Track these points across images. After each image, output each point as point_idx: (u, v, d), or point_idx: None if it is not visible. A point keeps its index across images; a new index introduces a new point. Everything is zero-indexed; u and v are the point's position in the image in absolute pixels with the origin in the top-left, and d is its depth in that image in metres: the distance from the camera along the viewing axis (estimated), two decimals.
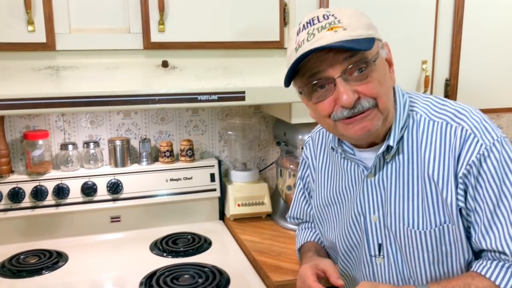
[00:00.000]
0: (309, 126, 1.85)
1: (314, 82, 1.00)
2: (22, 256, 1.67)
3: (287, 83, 1.05)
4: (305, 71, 1.01)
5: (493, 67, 1.94)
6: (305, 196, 1.36)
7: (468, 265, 1.08)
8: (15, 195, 1.75)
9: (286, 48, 1.70)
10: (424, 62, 1.84)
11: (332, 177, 1.23)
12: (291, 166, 1.89)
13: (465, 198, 1.03)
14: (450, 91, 1.90)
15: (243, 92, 1.54)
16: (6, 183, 1.77)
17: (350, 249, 1.20)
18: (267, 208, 1.97)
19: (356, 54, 0.97)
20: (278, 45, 1.69)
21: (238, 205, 1.95)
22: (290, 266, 1.56)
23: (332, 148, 1.20)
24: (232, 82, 1.55)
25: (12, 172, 1.83)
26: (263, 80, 1.60)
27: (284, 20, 1.67)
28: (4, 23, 1.44)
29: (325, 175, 1.26)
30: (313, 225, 1.39)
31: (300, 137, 1.86)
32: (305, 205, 1.37)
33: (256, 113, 2.14)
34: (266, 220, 1.97)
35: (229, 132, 2.06)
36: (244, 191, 1.98)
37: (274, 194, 2.06)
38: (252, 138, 2.07)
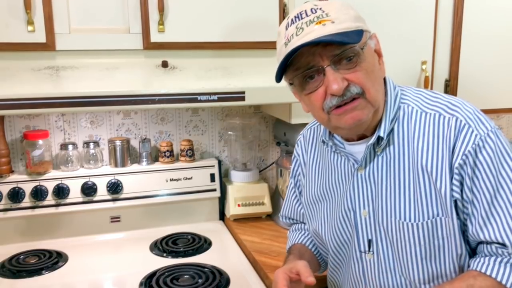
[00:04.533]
0: None
1: (304, 72, 1.01)
2: (22, 256, 1.67)
3: (278, 78, 1.06)
4: (295, 64, 1.02)
5: (492, 67, 1.94)
6: (296, 195, 1.36)
7: (460, 260, 1.07)
8: (15, 195, 1.75)
9: None
10: (423, 63, 1.84)
11: (322, 173, 1.23)
12: (291, 167, 1.89)
13: (461, 190, 1.02)
14: (450, 91, 1.90)
15: (243, 92, 1.54)
16: (6, 183, 1.77)
17: (340, 245, 1.19)
18: (267, 208, 1.97)
19: (344, 47, 0.98)
20: None
21: (238, 205, 1.95)
22: None
23: (323, 141, 1.20)
24: (232, 82, 1.55)
25: (12, 172, 1.83)
26: (263, 80, 1.60)
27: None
28: (4, 23, 1.43)
29: (315, 171, 1.26)
30: (304, 226, 1.38)
31: None
32: (296, 203, 1.36)
33: (256, 113, 2.14)
34: (266, 221, 1.97)
35: (229, 132, 2.06)
36: (244, 191, 1.98)
37: (274, 195, 2.06)
38: (252, 138, 2.07)
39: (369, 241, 1.13)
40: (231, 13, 1.63)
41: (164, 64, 1.57)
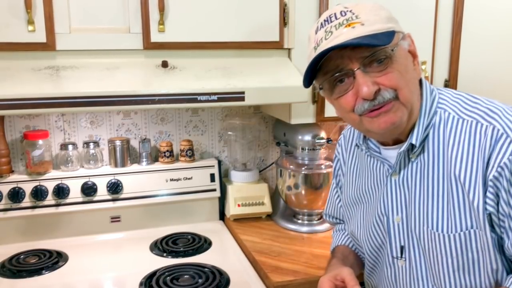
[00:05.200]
0: (309, 127, 1.85)
1: (334, 76, 0.99)
2: (22, 256, 1.67)
3: (306, 83, 1.04)
4: (324, 68, 1.00)
5: (492, 67, 1.94)
6: (338, 195, 1.34)
7: (497, 276, 1.02)
8: (15, 195, 1.75)
9: (285, 49, 1.72)
10: (423, 63, 1.84)
11: (359, 176, 1.21)
12: (291, 167, 1.89)
13: (497, 203, 0.97)
14: None
15: (243, 93, 1.54)
16: (6, 183, 1.76)
17: (375, 248, 1.18)
18: (267, 208, 1.97)
19: (374, 49, 0.96)
20: (278, 45, 1.69)
21: (238, 205, 1.95)
22: (290, 266, 1.56)
23: (357, 145, 1.18)
24: (232, 82, 1.55)
25: (12, 172, 1.83)
26: (263, 80, 1.60)
27: (284, 20, 1.67)
28: (4, 23, 1.44)
29: (353, 173, 1.24)
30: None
31: (299, 137, 1.86)
32: (338, 203, 1.34)
33: (255, 114, 2.14)
34: (266, 221, 1.97)
35: (229, 133, 2.06)
36: (244, 191, 1.98)
37: (274, 195, 2.06)
38: (252, 138, 2.07)
39: (402, 248, 1.10)
40: (231, 13, 1.63)
41: (164, 64, 1.58)
